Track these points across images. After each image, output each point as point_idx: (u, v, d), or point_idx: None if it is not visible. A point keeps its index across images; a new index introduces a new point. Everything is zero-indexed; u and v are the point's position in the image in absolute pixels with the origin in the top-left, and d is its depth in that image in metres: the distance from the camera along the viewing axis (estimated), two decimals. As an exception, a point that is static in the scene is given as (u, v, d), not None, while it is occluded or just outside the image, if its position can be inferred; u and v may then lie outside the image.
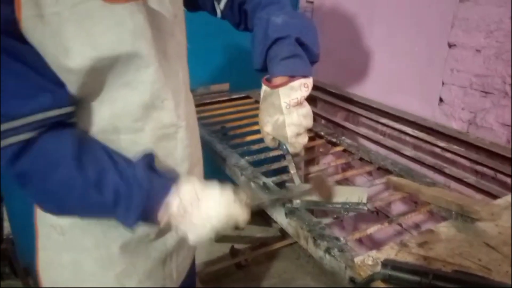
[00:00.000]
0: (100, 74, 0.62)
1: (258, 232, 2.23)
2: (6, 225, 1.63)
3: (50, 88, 0.59)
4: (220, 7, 0.87)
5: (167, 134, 0.72)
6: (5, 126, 0.56)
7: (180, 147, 0.75)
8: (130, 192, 0.63)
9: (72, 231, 0.74)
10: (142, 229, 0.75)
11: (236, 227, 0.70)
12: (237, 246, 2.02)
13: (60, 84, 0.60)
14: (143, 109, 0.67)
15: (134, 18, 0.61)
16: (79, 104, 0.64)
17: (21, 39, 0.56)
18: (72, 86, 0.61)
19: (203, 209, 0.66)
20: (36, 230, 0.79)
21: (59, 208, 0.67)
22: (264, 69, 0.81)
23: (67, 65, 0.58)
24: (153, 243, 0.79)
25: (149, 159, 0.68)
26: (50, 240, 0.77)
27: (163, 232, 0.79)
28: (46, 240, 0.78)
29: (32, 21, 0.55)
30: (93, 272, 0.76)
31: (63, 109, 0.61)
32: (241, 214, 0.69)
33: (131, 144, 0.68)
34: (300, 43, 0.77)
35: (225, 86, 1.79)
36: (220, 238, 2.15)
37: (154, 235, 0.78)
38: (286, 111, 0.77)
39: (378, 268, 0.63)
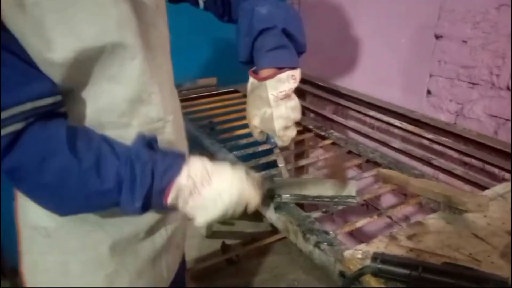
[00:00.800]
0: (83, 66, 0.59)
1: (249, 227, 2.22)
2: (-8, 225, 1.60)
3: (37, 76, 0.56)
4: None
5: (154, 129, 0.70)
6: None
7: (166, 142, 0.73)
8: (132, 173, 0.59)
9: (58, 232, 0.72)
10: (131, 228, 0.74)
11: (246, 211, 0.67)
12: (228, 241, 2.02)
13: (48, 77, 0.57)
14: (129, 104, 0.65)
15: (119, 6, 0.59)
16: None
17: (2, 27, 0.52)
18: (55, 79, 0.57)
19: (214, 186, 0.62)
20: (18, 233, 0.76)
21: (57, 201, 0.62)
22: (249, 62, 0.80)
23: (50, 58, 0.55)
24: (143, 242, 0.77)
25: (149, 139, 0.65)
26: (34, 243, 0.74)
27: (152, 231, 0.77)
28: (30, 243, 0.75)
29: (13, 10, 0.52)
30: (82, 274, 0.74)
31: (52, 98, 0.57)
32: (253, 196, 0.66)
33: (118, 139, 0.65)
34: (286, 33, 0.76)
35: (213, 80, 1.77)
36: (211, 234, 2.15)
37: (143, 234, 0.76)
38: (274, 103, 0.76)
39: (368, 262, 0.62)
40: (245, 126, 1.33)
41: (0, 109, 0.52)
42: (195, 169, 0.62)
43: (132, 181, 0.59)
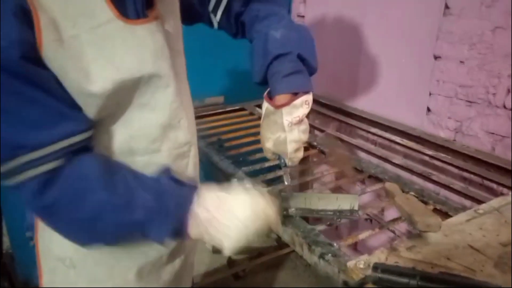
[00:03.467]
0: (119, 97, 0.61)
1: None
2: (6, 239, 1.64)
3: (70, 114, 0.57)
4: (216, 18, 0.85)
5: (181, 153, 0.73)
6: (26, 158, 0.54)
7: (191, 164, 0.76)
8: (160, 206, 0.61)
9: (84, 262, 0.72)
10: (155, 252, 0.75)
11: (269, 232, 0.67)
12: (234, 256, 2.04)
13: (79, 109, 0.59)
14: (161, 130, 0.67)
15: (154, 38, 0.62)
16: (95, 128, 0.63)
17: (41, 64, 0.54)
18: (91, 110, 0.59)
19: (231, 212, 0.62)
20: (39, 266, 0.76)
21: (89, 236, 0.63)
22: (264, 83, 0.81)
23: (89, 90, 0.57)
24: (165, 265, 0.79)
25: (169, 172, 0.67)
26: (57, 275, 0.75)
27: (173, 253, 0.79)
28: (52, 275, 0.75)
29: (53, 46, 0.53)
30: None
31: (85, 134, 0.59)
32: (271, 214, 0.65)
33: (146, 165, 0.67)
34: (301, 58, 0.77)
35: (220, 99, 1.83)
36: (217, 249, 2.17)
37: (166, 258, 0.78)
38: (288, 129, 0.77)
39: (369, 272, 0.66)
40: (253, 143, 1.40)
41: (34, 149, 0.54)
42: (208, 198, 0.64)
43: (160, 215, 0.61)
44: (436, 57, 1.30)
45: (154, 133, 0.67)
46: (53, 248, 0.73)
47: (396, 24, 1.42)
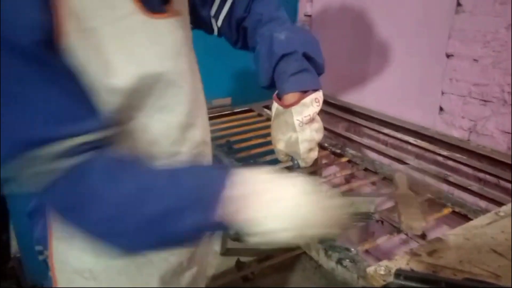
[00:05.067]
0: (139, 94, 0.58)
1: (260, 246, 2.23)
2: (14, 243, 1.64)
3: (83, 112, 0.51)
4: (217, 24, 0.84)
5: (198, 153, 0.71)
6: (32, 154, 0.47)
7: (206, 163, 0.74)
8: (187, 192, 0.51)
9: (106, 273, 0.70)
10: (176, 258, 0.74)
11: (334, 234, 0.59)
12: (243, 259, 2.02)
13: (93, 106, 0.53)
14: (180, 131, 0.65)
15: (174, 34, 0.60)
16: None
17: (58, 55, 0.49)
18: (110, 108, 0.55)
19: (281, 184, 0.52)
20: (54, 280, 0.73)
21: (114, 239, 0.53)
22: (271, 86, 0.81)
23: (111, 83, 0.53)
24: (185, 271, 0.78)
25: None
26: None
27: (192, 258, 0.78)
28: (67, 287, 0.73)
29: (75, 36, 0.50)
30: None
31: (97, 134, 0.51)
32: (333, 210, 0.53)
33: None
34: (306, 57, 0.77)
35: (227, 100, 1.82)
36: (225, 251, 2.16)
37: (186, 263, 0.77)
38: (299, 128, 0.77)
39: (390, 278, 0.64)
40: (262, 144, 1.38)
41: (40, 145, 0.47)
42: (243, 176, 0.52)
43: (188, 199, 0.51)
44: (448, 56, 1.27)
45: (173, 135, 0.65)
46: (70, 261, 0.70)
47: (407, 22, 1.40)
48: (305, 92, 0.76)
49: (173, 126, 0.65)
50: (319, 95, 0.77)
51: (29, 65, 0.46)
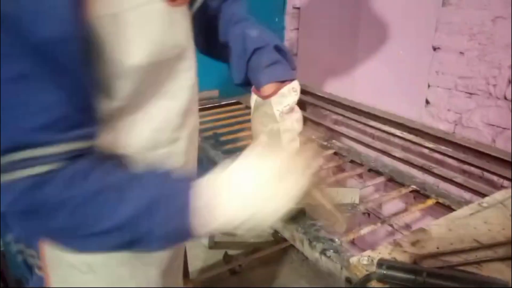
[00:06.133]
0: (146, 81, 0.58)
1: (251, 237, 2.24)
2: (-4, 238, 1.61)
3: (80, 119, 0.51)
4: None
5: (193, 137, 0.72)
6: (20, 155, 0.47)
7: (194, 149, 0.75)
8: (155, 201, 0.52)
9: (106, 265, 0.70)
10: (175, 250, 0.76)
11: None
12: (230, 252, 2.03)
13: (93, 113, 0.53)
14: (181, 117, 0.66)
15: (185, 21, 0.62)
16: (114, 128, 0.59)
17: (78, 51, 0.48)
18: (118, 93, 0.55)
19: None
20: (46, 276, 0.70)
21: (77, 240, 0.54)
22: (245, 83, 0.81)
23: (127, 60, 0.53)
24: (177, 259, 0.80)
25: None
26: (71, 282, 0.70)
27: (182, 247, 0.80)
28: (64, 283, 0.71)
29: (99, 20, 0.49)
30: None
31: (90, 141, 0.53)
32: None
33: (168, 156, 0.66)
34: (278, 49, 0.77)
35: (215, 92, 1.81)
36: (213, 244, 2.16)
37: (179, 251, 0.79)
38: (279, 118, 0.77)
39: (373, 268, 0.64)
40: (250, 137, 1.37)
41: (31, 147, 0.47)
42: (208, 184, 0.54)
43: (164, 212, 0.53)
44: (435, 48, 1.28)
45: (175, 122, 0.66)
46: (64, 256, 0.67)
47: (394, 14, 1.40)
48: (281, 83, 0.76)
49: (175, 113, 0.65)
50: (295, 84, 0.77)
51: (37, 64, 0.45)
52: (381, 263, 0.64)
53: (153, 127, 0.63)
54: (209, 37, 0.84)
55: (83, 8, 0.47)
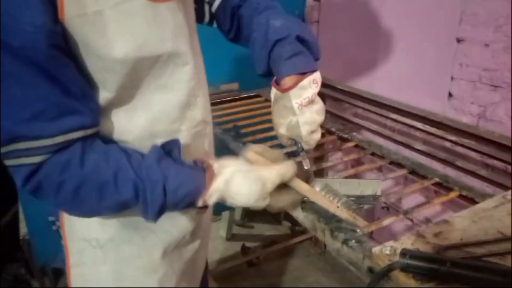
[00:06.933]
0: (138, 75, 0.62)
1: (268, 230, 2.25)
2: (23, 225, 1.66)
3: (78, 109, 0.58)
4: (212, 9, 0.84)
5: (199, 132, 0.73)
6: (23, 145, 0.54)
7: (207, 143, 0.76)
8: (144, 191, 0.61)
9: (112, 242, 0.74)
10: (179, 231, 0.77)
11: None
12: (248, 244, 2.04)
13: (89, 105, 0.59)
14: (180, 109, 0.68)
15: (175, 17, 0.62)
16: (112, 116, 0.64)
17: (61, 48, 0.54)
18: (111, 86, 0.60)
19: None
20: (66, 248, 0.77)
21: (87, 212, 0.65)
22: (267, 74, 0.81)
23: (112, 55, 0.57)
24: (187, 244, 0.81)
25: (170, 148, 0.67)
26: (85, 255, 0.76)
27: (194, 232, 0.81)
28: (80, 256, 0.76)
29: (76, 20, 0.54)
30: (135, 281, 0.77)
31: (88, 130, 0.59)
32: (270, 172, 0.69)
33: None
34: (300, 40, 0.77)
35: (235, 85, 1.81)
36: (231, 236, 2.18)
37: (189, 236, 0.80)
38: (298, 111, 0.77)
39: (396, 258, 0.65)
40: (269, 129, 1.38)
41: (30, 139, 0.54)
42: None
43: (145, 197, 0.61)
44: (459, 40, 1.26)
45: (174, 114, 0.68)
46: (79, 229, 0.74)
47: (417, 6, 1.38)
48: (302, 74, 0.75)
49: (173, 104, 0.68)
50: (316, 76, 0.76)
51: (25, 64, 0.51)
52: (404, 252, 0.64)
53: (150, 117, 0.66)
54: (236, 27, 0.85)
55: (57, 11, 0.52)
